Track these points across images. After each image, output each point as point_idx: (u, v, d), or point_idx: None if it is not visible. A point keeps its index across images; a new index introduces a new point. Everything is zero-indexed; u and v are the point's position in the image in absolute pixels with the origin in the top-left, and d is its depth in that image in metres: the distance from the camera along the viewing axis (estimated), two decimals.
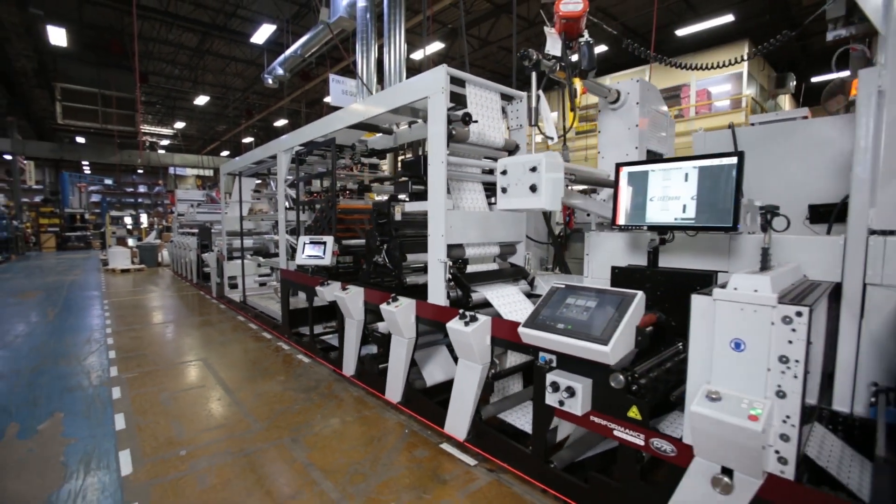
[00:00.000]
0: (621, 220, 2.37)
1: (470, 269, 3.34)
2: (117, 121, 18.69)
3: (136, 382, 4.33)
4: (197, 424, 3.48)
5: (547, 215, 4.04)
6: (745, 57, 3.63)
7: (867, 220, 2.12)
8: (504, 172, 2.34)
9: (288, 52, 11.95)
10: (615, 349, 1.91)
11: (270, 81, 13.24)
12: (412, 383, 3.62)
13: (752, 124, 3.16)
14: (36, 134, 24.27)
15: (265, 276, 8.29)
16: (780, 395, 1.59)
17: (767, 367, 1.63)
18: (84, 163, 26.89)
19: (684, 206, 2.14)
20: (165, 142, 27.45)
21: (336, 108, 6.48)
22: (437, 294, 3.15)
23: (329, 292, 4.30)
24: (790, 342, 1.57)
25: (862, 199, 2.14)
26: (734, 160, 1.98)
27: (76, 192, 25.41)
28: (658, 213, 2.23)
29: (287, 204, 5.81)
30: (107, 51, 15.24)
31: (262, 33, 12.90)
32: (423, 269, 3.66)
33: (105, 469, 2.83)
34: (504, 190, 2.34)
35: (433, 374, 3.73)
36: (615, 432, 2.11)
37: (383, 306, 3.46)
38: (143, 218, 24.61)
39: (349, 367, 4.28)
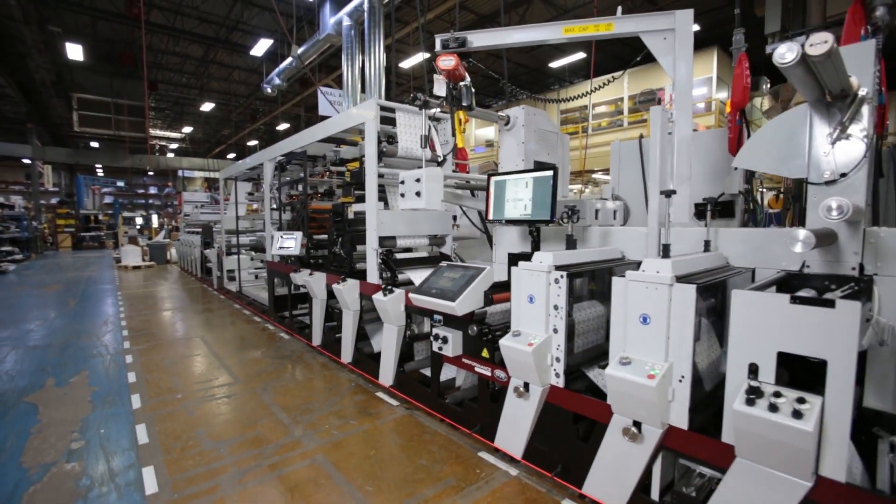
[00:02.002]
0: (490, 216, 3.25)
1: (402, 256, 4.23)
2: (128, 127, 19.82)
3: (144, 353, 5.29)
4: (191, 379, 4.42)
5: (481, 213, 4.91)
6: (612, 77, 4.47)
7: (665, 216, 2.98)
8: (402, 182, 3.22)
9: (283, 64, 12.92)
10: (461, 305, 2.80)
11: (269, 90, 14.25)
12: (361, 349, 4.52)
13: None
14: (53, 140, 25.61)
15: (259, 269, 9.24)
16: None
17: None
18: (98, 166, 28.20)
19: (525, 206, 3.01)
20: (174, 145, 28.69)
21: (327, 116, 7.40)
22: (373, 275, 4.05)
23: (300, 278, 5.21)
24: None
25: (661, 202, 2.99)
26: (551, 173, 2.85)
27: (90, 194, 26.69)
28: (511, 210, 3.10)
29: (273, 205, 6.74)
30: (119, 62, 16.34)
31: (261, 47, 13.86)
32: None
33: (121, 405, 3.77)
34: (403, 195, 3.23)
35: (379, 342, 4.62)
36: (475, 368, 3.00)
37: (334, 286, 4.37)
38: (154, 218, 25.79)
39: (317, 338, 5.20)
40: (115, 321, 6.96)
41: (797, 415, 1.56)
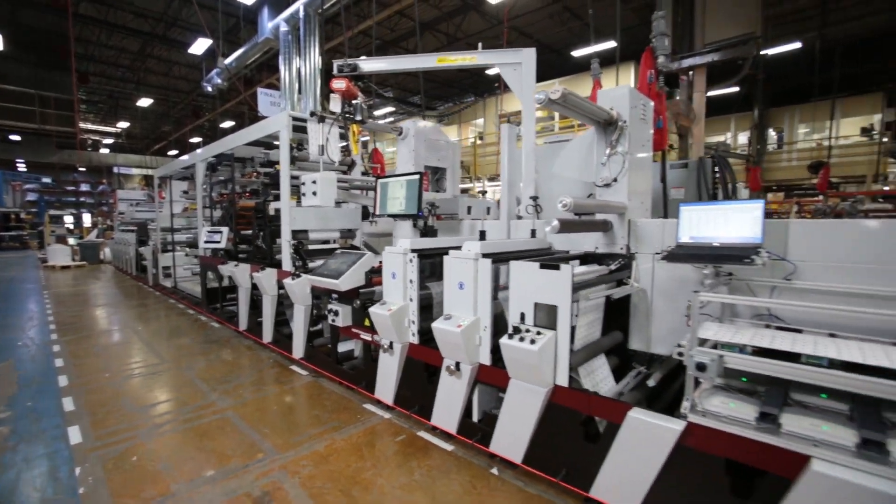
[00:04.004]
0: (377, 212, 3.93)
1: (314, 247, 4.84)
2: (56, 121, 18.90)
3: (73, 343, 5.56)
4: (121, 362, 4.81)
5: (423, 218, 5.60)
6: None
7: (514, 211, 3.78)
8: (303, 183, 3.84)
9: (226, 62, 13.01)
10: (344, 282, 3.47)
11: (210, 89, 14.26)
12: (281, 331, 5.08)
13: (546, 143, 4.80)
14: None
15: (196, 265, 9.46)
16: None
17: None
18: (19, 160, 26.39)
19: (401, 203, 3.71)
20: (109, 141, 27.37)
21: (266, 116, 7.78)
22: (287, 264, 4.63)
23: (227, 269, 5.68)
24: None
25: (511, 199, 3.79)
26: (418, 176, 3.57)
27: (10, 190, 24.96)
28: (391, 207, 3.80)
29: (207, 203, 7.10)
30: (45, 52, 15.68)
31: (199, 46, 13.84)
32: None
33: (48, 384, 4.14)
34: (303, 194, 3.85)
35: None
36: (361, 335, 3.67)
37: (255, 274, 4.91)
38: (87, 217, 24.52)
39: (243, 324, 5.70)
40: (42, 317, 7.06)
41: (532, 342, 2.35)
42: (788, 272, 2.49)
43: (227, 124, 24.17)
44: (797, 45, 13.23)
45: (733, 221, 2.48)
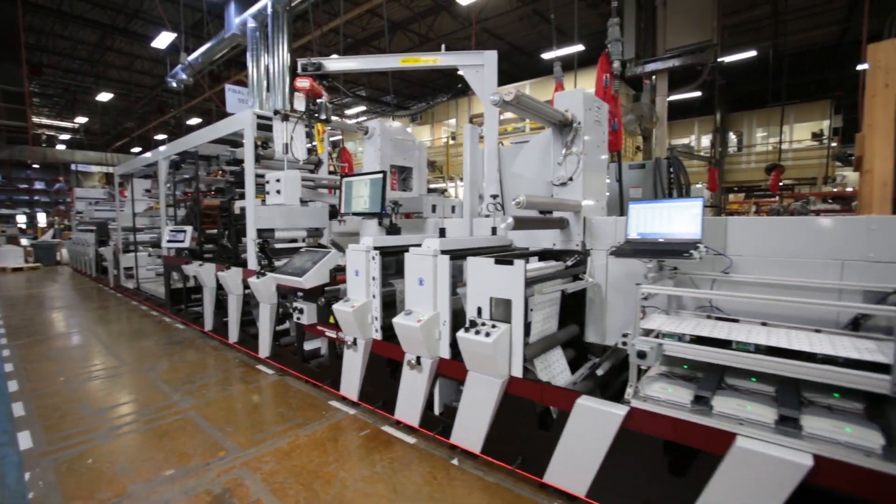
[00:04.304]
0: (342, 210, 3.96)
1: (281, 246, 4.81)
2: (5, 115, 17.92)
3: (25, 346, 5.34)
4: (77, 366, 4.66)
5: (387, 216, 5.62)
6: None
7: (477, 209, 3.87)
8: (268, 182, 3.83)
9: (189, 58, 12.66)
10: (307, 280, 3.49)
11: (175, 84, 13.83)
12: (248, 331, 5.03)
13: (512, 143, 4.88)
14: None
15: (160, 265, 9.20)
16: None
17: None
18: None
19: (365, 201, 3.76)
20: (66, 136, 26.13)
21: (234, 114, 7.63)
22: (253, 262, 4.59)
23: (191, 269, 5.57)
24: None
25: (473, 198, 3.88)
26: (381, 175, 3.62)
27: None
28: (356, 205, 3.84)
29: (170, 201, 6.93)
30: None
31: (163, 40, 13.42)
32: None
33: None
34: (268, 193, 3.83)
35: None
36: (326, 333, 3.69)
37: (220, 273, 4.84)
38: (42, 217, 23.37)
39: (208, 324, 5.60)
40: None
41: (487, 335, 2.44)
42: (726, 266, 2.67)
43: (195, 121, 23.47)
44: (753, 53, 13.93)
45: (676, 218, 2.64)
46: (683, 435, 2.04)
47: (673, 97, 10.75)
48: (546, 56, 15.34)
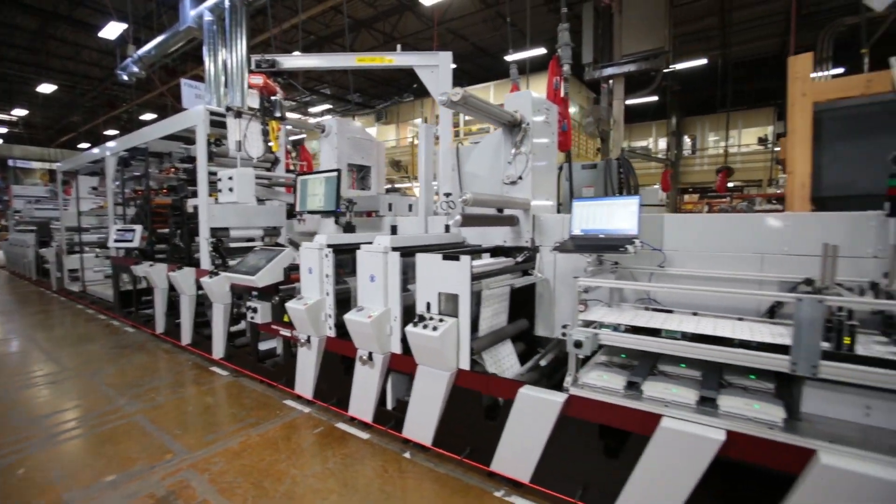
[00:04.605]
0: (297, 208, 3.93)
1: (236, 245, 4.71)
2: None
3: None
4: (11, 373, 4.40)
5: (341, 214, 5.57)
6: None
7: (432, 207, 3.93)
8: (220, 179, 3.76)
9: (141, 51, 12.11)
10: (260, 278, 3.45)
11: (126, 77, 13.18)
12: (202, 333, 4.89)
13: (472, 143, 4.93)
14: None
15: (108, 267, 8.78)
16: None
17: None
18: None
19: (320, 199, 3.75)
20: (3, 130, 24.39)
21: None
22: (206, 262, 4.48)
23: (141, 270, 5.36)
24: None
25: (428, 196, 3.94)
26: (336, 174, 3.62)
27: None
28: (311, 203, 3.82)
29: (119, 200, 6.63)
30: None
31: (112, 30, 12.78)
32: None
33: None
34: (220, 190, 3.76)
35: None
36: (280, 332, 3.66)
37: (171, 274, 4.70)
38: None
39: (160, 327, 5.41)
40: None
41: (434, 329, 2.51)
42: (660, 260, 2.85)
43: (149, 117, 22.43)
44: (703, 61, 14.69)
45: (615, 215, 2.79)
46: (616, 419, 2.17)
47: (630, 101, 11.19)
48: (509, 58, 15.60)
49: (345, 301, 3.36)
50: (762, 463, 1.86)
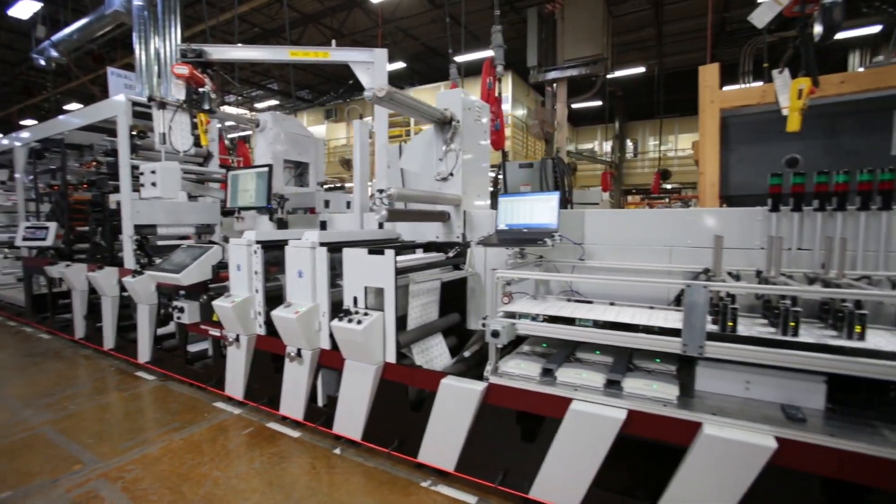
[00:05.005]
0: (228, 204, 3.80)
1: (164, 243, 4.48)
2: None
3: None
4: None
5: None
6: None
7: (368, 204, 3.91)
8: (142, 173, 3.56)
9: (61, 34, 11.20)
10: (186, 276, 3.31)
11: (44, 63, 12.14)
12: (127, 336, 4.61)
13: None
14: None
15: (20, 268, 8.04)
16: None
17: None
18: None
19: (251, 195, 3.65)
20: None
21: None
22: (129, 261, 4.22)
23: (56, 270, 4.97)
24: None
25: (363, 193, 3.92)
26: (267, 169, 3.54)
27: None
28: (242, 199, 3.71)
29: (31, 195, 6.10)
30: None
31: (24, 9, 11.70)
32: None
33: None
34: (142, 185, 3.57)
35: None
36: (209, 332, 3.53)
37: (90, 274, 4.39)
38: None
39: (80, 332, 5.04)
40: None
41: (359, 322, 2.52)
42: (580, 253, 3.01)
43: (75, 106, 20.70)
44: (641, 69, 15.55)
45: (537, 210, 2.91)
46: (531, 404, 2.28)
47: (575, 105, 11.64)
48: (459, 59, 15.75)
49: (276, 298, 3.28)
50: (659, 437, 2.02)
